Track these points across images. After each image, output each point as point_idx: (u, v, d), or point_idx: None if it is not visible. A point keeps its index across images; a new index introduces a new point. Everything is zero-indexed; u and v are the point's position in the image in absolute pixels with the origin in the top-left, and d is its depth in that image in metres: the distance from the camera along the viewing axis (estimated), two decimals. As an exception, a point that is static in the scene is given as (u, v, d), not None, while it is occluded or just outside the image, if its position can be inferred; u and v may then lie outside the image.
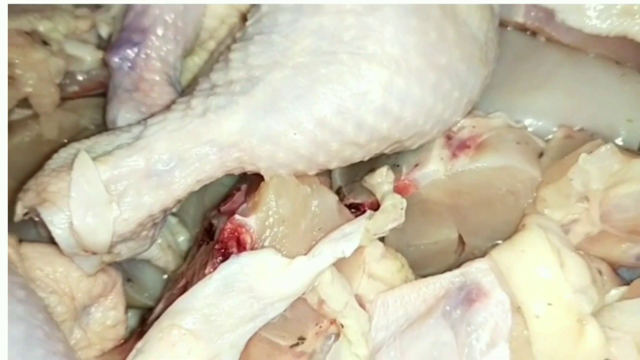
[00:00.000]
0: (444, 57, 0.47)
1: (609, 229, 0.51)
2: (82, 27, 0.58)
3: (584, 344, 0.47)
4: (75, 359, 0.43)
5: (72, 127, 0.59)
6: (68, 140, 0.59)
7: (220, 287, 0.46)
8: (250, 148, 0.45)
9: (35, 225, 0.48)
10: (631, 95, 0.57)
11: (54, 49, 0.56)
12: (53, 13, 0.57)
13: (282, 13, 0.47)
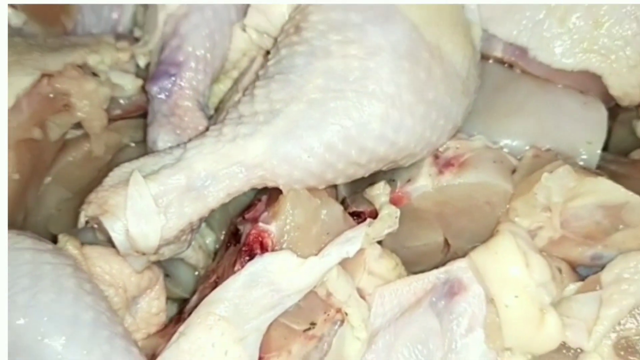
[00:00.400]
0: (431, 92, 0.55)
1: (568, 235, 0.58)
2: (123, 58, 0.65)
3: (545, 329, 0.54)
4: (131, 339, 0.50)
5: (115, 145, 0.66)
6: (112, 156, 0.65)
7: (247, 282, 0.53)
8: (272, 168, 0.53)
9: (93, 230, 0.54)
10: (591, 121, 0.63)
11: (102, 79, 0.62)
12: (99, 47, 0.63)
13: (298, 56, 0.55)
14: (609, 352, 0.54)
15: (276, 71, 0.54)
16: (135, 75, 0.68)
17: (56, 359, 0.45)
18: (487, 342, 0.55)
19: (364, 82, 0.54)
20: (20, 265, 0.46)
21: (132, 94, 0.66)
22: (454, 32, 0.58)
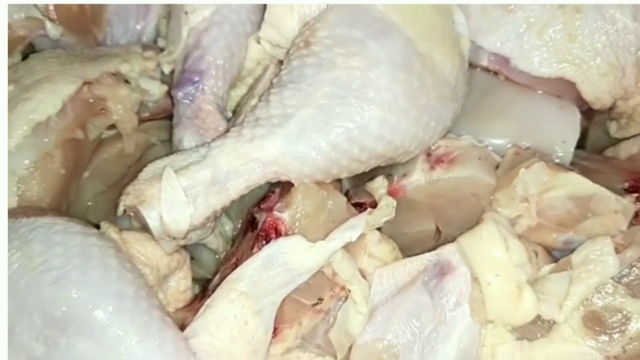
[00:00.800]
0: (423, 98, 0.62)
1: (543, 222, 0.63)
2: (150, 66, 0.72)
3: (522, 304, 0.59)
4: (166, 310, 0.56)
5: (144, 143, 0.72)
6: (141, 154, 0.71)
7: (264, 262, 0.59)
8: (285, 164, 0.59)
9: (129, 218, 0.61)
10: (566, 123, 0.69)
11: (133, 86, 0.68)
12: (129, 57, 0.70)
13: (307, 68, 0.61)
14: (578, 324, 0.59)
15: (288, 80, 0.60)
16: (160, 81, 0.73)
17: (104, 327, 0.50)
18: (472, 316, 0.61)
19: (364, 90, 0.59)
20: (73, 247, 0.52)
21: (159, 98, 0.73)
22: (444, 44, 0.64)
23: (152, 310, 0.53)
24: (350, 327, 0.63)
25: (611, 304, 0.59)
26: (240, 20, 0.69)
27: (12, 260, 0.51)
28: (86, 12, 0.72)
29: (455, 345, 0.61)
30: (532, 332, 0.60)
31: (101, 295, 0.51)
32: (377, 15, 0.61)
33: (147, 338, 0.52)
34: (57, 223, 0.54)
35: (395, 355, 0.62)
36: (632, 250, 0.58)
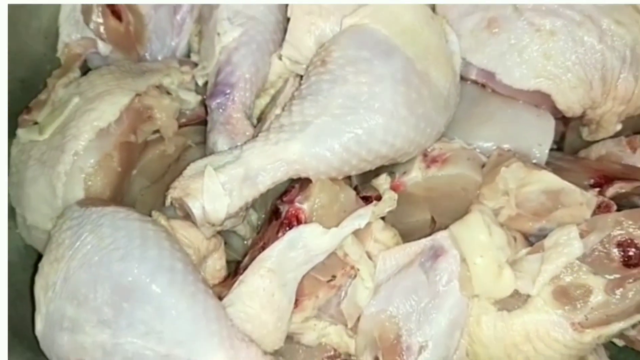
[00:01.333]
0: (420, 108, 0.69)
1: (521, 213, 0.69)
2: (187, 79, 0.79)
3: (502, 281, 0.66)
4: (208, 283, 0.64)
5: (181, 145, 0.79)
6: (179, 155, 0.78)
7: (288, 245, 0.66)
8: (304, 163, 0.67)
9: (174, 208, 0.69)
10: (542, 128, 0.74)
11: (173, 96, 0.76)
12: (169, 71, 0.78)
13: (324, 83, 0.68)
14: (549, 296, 0.65)
15: (307, 93, 0.68)
16: (195, 92, 0.80)
17: (160, 296, 0.59)
18: (461, 290, 0.67)
19: (371, 102, 0.66)
20: (134, 230, 0.61)
21: (194, 106, 0.80)
22: (438, 62, 0.71)
23: (197, 282, 0.62)
24: (359, 300, 0.70)
25: (576, 280, 0.65)
26: (264, 40, 0.76)
27: (85, 241, 0.60)
28: (130, 32, 0.80)
29: (446, 315, 0.67)
30: (511, 304, 0.67)
31: (157, 269, 0.60)
32: (382, 38, 0.68)
33: (194, 305, 0.60)
34: (120, 211, 0.63)
35: (397, 323, 0.68)
36: (594, 236, 0.65)
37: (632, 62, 0.70)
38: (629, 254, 0.63)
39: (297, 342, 0.71)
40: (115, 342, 0.58)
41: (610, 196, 0.69)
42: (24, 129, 0.70)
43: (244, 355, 0.61)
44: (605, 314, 0.64)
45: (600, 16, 0.70)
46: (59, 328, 0.59)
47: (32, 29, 0.75)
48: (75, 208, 0.64)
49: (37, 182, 0.67)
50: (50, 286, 0.59)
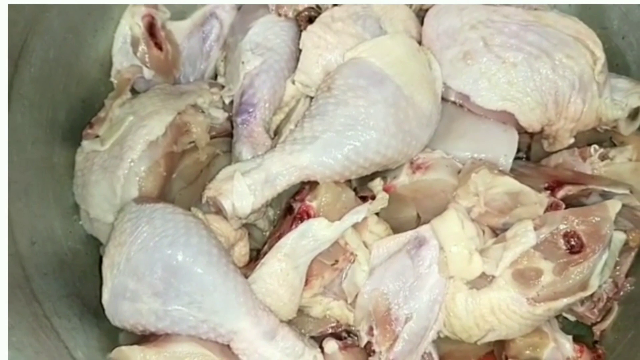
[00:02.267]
0: (407, 126, 0.76)
1: (489, 210, 0.77)
2: (216, 99, 0.87)
3: (472, 264, 0.73)
4: (236, 265, 0.73)
5: (212, 154, 0.86)
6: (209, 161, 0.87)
7: (300, 235, 0.74)
8: (313, 169, 0.75)
9: (208, 205, 0.78)
10: (508, 142, 0.81)
11: (206, 114, 0.85)
12: (201, 92, 0.86)
13: (329, 105, 0.76)
14: (509, 277, 0.73)
15: (316, 113, 0.77)
16: (223, 109, 0.87)
17: (200, 274, 0.68)
18: (440, 273, 0.75)
19: (367, 120, 0.75)
20: (179, 222, 0.70)
21: (222, 122, 0.87)
22: (422, 87, 0.79)
23: (229, 264, 0.72)
24: (357, 280, 0.77)
25: (530, 264, 0.72)
26: (280, 68, 0.84)
27: (142, 230, 0.70)
28: (169, 59, 0.91)
29: (428, 293, 0.74)
30: (479, 284, 0.74)
31: (198, 253, 0.69)
32: (376, 69, 0.77)
33: (227, 281, 0.69)
34: (168, 207, 0.73)
35: (387, 299, 0.75)
36: (545, 229, 0.73)
37: (580, 88, 0.79)
38: (572, 243, 0.72)
39: (306, 315, 0.79)
40: (165, 309, 0.69)
41: (560, 197, 0.77)
42: (88, 141, 0.80)
43: (265, 322, 0.71)
44: (553, 291, 0.72)
45: (553, 51, 0.79)
46: (122, 298, 0.70)
47: (91, 59, 0.85)
48: (132, 204, 0.75)
49: (99, 184, 0.78)
50: (115, 265, 0.70)
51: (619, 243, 0.80)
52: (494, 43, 0.81)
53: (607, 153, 0.84)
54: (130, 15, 0.88)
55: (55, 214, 0.77)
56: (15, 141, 0.69)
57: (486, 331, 0.75)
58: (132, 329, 0.72)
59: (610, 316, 0.82)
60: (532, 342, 0.77)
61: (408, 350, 0.74)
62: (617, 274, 0.81)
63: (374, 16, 0.86)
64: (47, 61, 0.75)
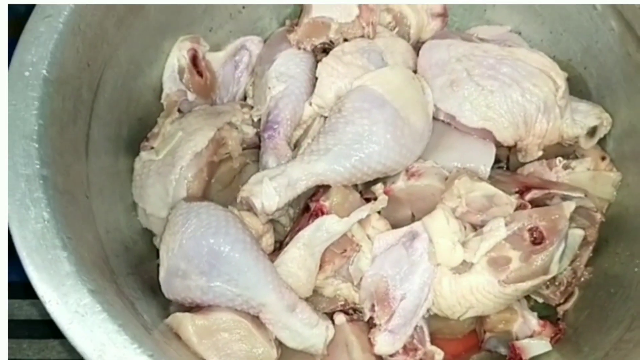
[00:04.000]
0: (403, 140, 0.84)
1: (470, 209, 0.85)
2: (246, 117, 0.95)
3: (455, 254, 0.82)
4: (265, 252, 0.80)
5: (243, 163, 0.94)
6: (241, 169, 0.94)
7: (315, 228, 0.82)
8: (326, 176, 0.83)
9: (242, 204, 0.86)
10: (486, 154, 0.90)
11: (238, 130, 0.93)
12: (235, 112, 0.94)
13: (339, 124, 0.84)
14: (484, 264, 0.81)
15: (329, 130, 0.86)
16: (252, 126, 0.96)
17: (237, 259, 0.76)
18: (429, 261, 0.82)
19: (370, 136, 0.84)
20: (220, 216, 0.78)
21: (252, 136, 0.96)
22: (416, 109, 0.88)
23: (259, 250, 0.80)
24: (361, 266, 0.85)
25: (501, 253, 0.82)
26: (300, 92, 0.94)
27: (191, 222, 0.78)
28: (207, 84, 1.04)
29: (419, 277, 0.83)
30: (461, 269, 0.82)
31: (236, 241, 0.78)
32: (378, 95, 0.87)
33: (257, 264, 0.78)
34: (211, 205, 0.82)
35: (386, 282, 0.83)
36: (514, 225, 0.82)
37: (544, 111, 0.92)
38: (535, 236, 0.82)
39: (320, 294, 0.87)
40: (208, 285, 0.78)
41: (528, 199, 0.86)
42: (145, 152, 0.91)
43: (287, 297, 0.80)
44: (519, 275, 0.82)
45: (523, 80, 0.90)
46: (175, 276, 0.79)
47: (147, 85, 0.96)
48: (182, 202, 0.85)
49: (155, 186, 0.89)
50: (170, 250, 0.80)
51: (578, 238, 0.90)
52: (475, 73, 0.91)
53: (569, 164, 0.93)
54: (178, 49, 0.98)
55: (120, 209, 0.88)
56: (93, 152, 0.82)
57: (466, 308, 0.84)
58: (182, 301, 0.82)
59: (571, 299, 0.91)
60: (504, 317, 0.87)
61: (403, 323, 0.84)
62: (578, 264, 0.91)
63: (378, 50, 1.01)
64: (116, 88, 0.88)
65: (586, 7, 0.94)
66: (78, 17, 0.73)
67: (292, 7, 1.02)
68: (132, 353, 0.63)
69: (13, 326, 0.99)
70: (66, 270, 0.63)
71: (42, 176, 0.68)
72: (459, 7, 1.02)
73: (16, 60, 0.71)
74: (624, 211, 0.90)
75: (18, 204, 0.65)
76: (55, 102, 0.72)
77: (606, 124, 0.93)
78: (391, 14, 1.02)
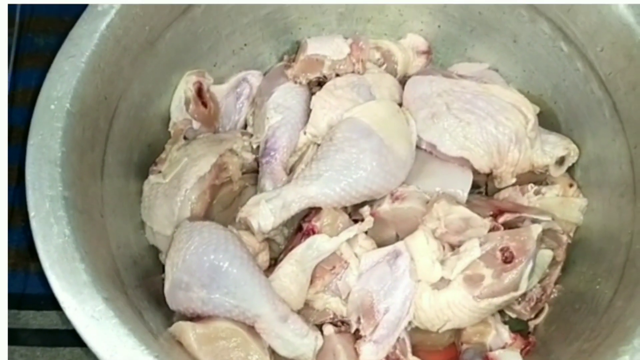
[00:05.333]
0: (387, 167, 0.89)
1: (448, 231, 0.90)
2: (246, 144, 0.99)
3: (434, 271, 0.87)
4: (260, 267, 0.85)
5: (242, 186, 0.99)
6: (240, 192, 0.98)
7: (306, 246, 0.86)
8: (317, 199, 0.88)
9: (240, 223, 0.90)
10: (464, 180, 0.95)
11: (239, 156, 0.97)
12: (235, 139, 0.98)
13: (330, 152, 0.89)
14: (461, 281, 0.86)
15: (321, 157, 0.91)
16: (252, 152, 1.00)
17: (235, 274, 0.81)
18: (410, 277, 0.87)
19: (358, 163, 0.89)
20: (220, 234, 0.84)
21: (251, 162, 1.00)
22: (400, 139, 0.93)
23: (255, 266, 0.84)
24: (349, 282, 0.89)
25: (476, 271, 0.87)
26: (296, 122, 1.00)
27: (194, 239, 0.84)
28: (211, 114, 1.11)
29: (401, 292, 0.88)
30: (440, 285, 0.87)
31: (234, 257, 0.83)
32: (365, 126, 0.93)
33: (253, 278, 0.83)
34: (212, 224, 0.87)
35: (371, 296, 0.88)
36: (487, 245, 0.88)
37: (516, 142, 1.00)
38: (506, 255, 0.88)
39: (311, 307, 0.90)
40: (209, 297, 0.83)
41: (501, 222, 0.92)
42: (153, 175, 0.97)
43: (280, 309, 0.84)
44: (492, 290, 0.87)
45: (496, 114, 0.96)
46: (178, 288, 0.85)
47: (156, 115, 1.03)
48: (186, 222, 0.90)
49: (162, 206, 0.95)
50: (175, 264, 0.85)
51: (547, 258, 0.95)
52: (454, 107, 0.97)
53: (540, 190, 0.99)
54: (185, 83, 1.04)
55: (130, 228, 0.94)
56: (108, 175, 0.89)
57: (444, 321, 0.89)
58: (185, 311, 0.86)
59: (542, 314, 0.96)
60: (479, 330, 0.92)
61: (386, 334, 0.88)
62: (547, 282, 0.96)
63: (366, 85, 1.10)
64: (129, 118, 0.93)
65: (554, 49, 1.03)
66: (98, 57, 0.82)
67: (290, 44, 1.09)
68: (140, 354, 0.72)
69: (27, 335, 1.08)
70: (83, 280, 0.70)
71: (64, 197, 0.75)
72: (442, 45, 1.10)
73: (43, 95, 0.79)
74: (590, 234, 0.96)
75: (43, 222, 0.73)
76: (77, 132, 0.79)
77: (573, 154, 0.99)
78: (380, 51, 1.10)
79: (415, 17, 1.04)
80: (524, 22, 0.95)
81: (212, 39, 1.00)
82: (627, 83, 0.83)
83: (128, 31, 0.83)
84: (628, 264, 0.80)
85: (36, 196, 0.76)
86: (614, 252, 0.84)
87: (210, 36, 0.99)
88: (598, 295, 0.82)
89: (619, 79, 0.85)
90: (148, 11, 0.95)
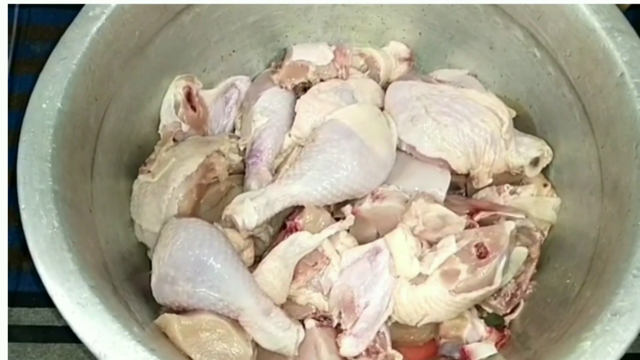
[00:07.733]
0: (368, 167, 0.92)
1: (426, 228, 0.93)
2: (233, 146, 1.02)
3: (412, 266, 0.89)
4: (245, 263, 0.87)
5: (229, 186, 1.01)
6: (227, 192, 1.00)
7: (289, 243, 0.89)
8: (300, 197, 0.90)
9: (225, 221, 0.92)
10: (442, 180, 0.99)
11: (226, 157, 0.99)
12: (223, 142, 1.00)
13: (313, 152, 0.92)
14: (438, 276, 0.89)
15: (304, 157, 0.94)
16: (238, 154, 1.03)
17: (219, 268, 0.83)
18: (390, 273, 0.89)
19: (339, 163, 0.92)
20: (205, 231, 0.86)
21: (237, 163, 1.03)
22: (381, 140, 0.96)
23: (239, 261, 0.87)
24: (331, 277, 0.92)
25: (452, 266, 0.89)
26: (281, 125, 1.03)
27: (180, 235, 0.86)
28: (200, 117, 1.14)
29: (381, 287, 0.90)
30: (417, 281, 0.90)
31: (218, 252, 0.85)
32: (346, 127, 0.96)
33: (237, 273, 0.85)
34: (198, 221, 0.89)
35: (352, 291, 0.91)
36: (463, 241, 0.90)
37: (491, 143, 1.04)
38: (480, 251, 0.90)
39: (294, 302, 0.94)
40: (194, 290, 0.85)
41: (477, 220, 0.96)
42: (143, 175, 1.00)
43: (263, 303, 0.87)
44: (467, 285, 0.90)
45: (472, 117, 1.00)
46: (165, 282, 0.87)
47: (146, 117, 1.05)
48: (173, 219, 0.93)
49: (150, 204, 0.97)
50: (161, 259, 0.88)
51: (522, 255, 0.97)
52: (432, 110, 1.00)
53: (515, 189, 1.02)
54: (175, 87, 1.07)
55: (119, 224, 0.97)
56: (98, 173, 0.93)
57: (422, 316, 0.92)
58: (171, 305, 0.89)
59: (517, 309, 0.99)
60: (456, 324, 0.95)
61: (366, 328, 0.91)
62: (522, 278, 0.99)
63: (349, 89, 1.13)
64: (119, 120, 0.95)
65: (528, 54, 1.07)
66: (89, 59, 0.85)
67: (277, 51, 1.13)
68: (124, 339, 0.75)
69: (19, 332, 1.11)
70: (70, 269, 0.73)
71: (54, 191, 0.78)
72: (423, 52, 1.14)
73: (35, 94, 0.82)
74: (562, 232, 0.99)
75: (32, 213, 0.76)
76: (67, 130, 0.81)
77: (547, 155, 1.02)
78: (363, 58, 1.13)
79: (397, 25, 1.08)
80: (499, 29, 0.99)
81: (201, 45, 1.02)
82: (595, 86, 0.87)
83: (118, 36, 0.86)
84: (595, 257, 0.83)
85: (26, 190, 0.77)
86: (583, 247, 0.87)
87: (199, 42, 1.01)
88: (568, 288, 0.85)
89: (587, 82, 0.88)
90: (138, 17, 0.99)
